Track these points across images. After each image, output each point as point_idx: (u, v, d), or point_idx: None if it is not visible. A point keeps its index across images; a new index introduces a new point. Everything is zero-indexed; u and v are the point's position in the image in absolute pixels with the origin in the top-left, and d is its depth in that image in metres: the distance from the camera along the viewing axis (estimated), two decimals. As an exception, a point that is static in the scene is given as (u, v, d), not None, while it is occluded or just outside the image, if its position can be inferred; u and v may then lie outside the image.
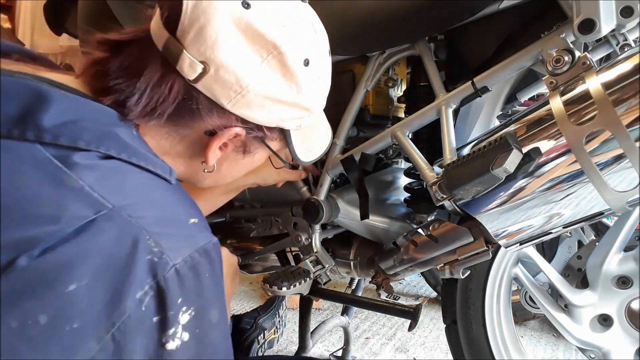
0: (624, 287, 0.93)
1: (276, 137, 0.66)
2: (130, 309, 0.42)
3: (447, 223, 0.88)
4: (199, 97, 0.55)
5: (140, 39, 0.56)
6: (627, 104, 0.63)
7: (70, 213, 0.41)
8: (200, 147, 0.61)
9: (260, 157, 0.69)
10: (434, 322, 2.31)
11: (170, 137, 0.60)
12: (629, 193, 0.68)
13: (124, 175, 0.48)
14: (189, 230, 0.51)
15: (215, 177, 0.67)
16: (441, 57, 0.95)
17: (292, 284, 1.06)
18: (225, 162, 0.65)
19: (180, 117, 0.57)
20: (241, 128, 0.60)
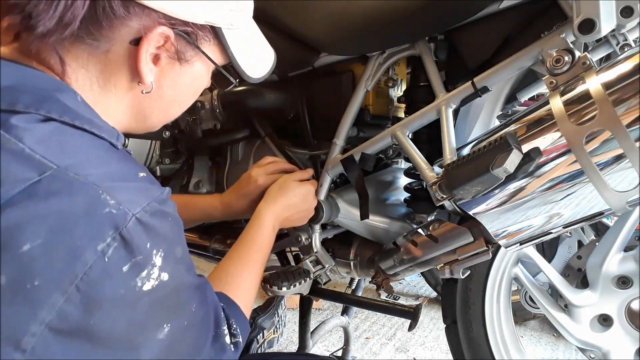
0: (624, 287, 0.93)
1: (209, 40, 0.60)
2: (92, 261, 0.42)
3: (447, 223, 0.88)
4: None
5: None
6: (627, 104, 0.63)
7: (12, 176, 0.41)
8: (130, 64, 0.55)
9: (201, 70, 0.63)
10: (434, 322, 2.31)
11: (95, 59, 0.54)
12: (629, 193, 0.68)
13: (66, 136, 0.46)
14: (141, 183, 0.50)
15: (160, 104, 0.62)
16: (441, 57, 0.95)
17: (292, 284, 1.06)
18: (164, 80, 0.59)
19: (97, 24, 0.51)
20: (167, 27, 0.54)
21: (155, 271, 0.48)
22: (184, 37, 0.56)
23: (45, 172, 0.42)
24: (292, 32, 1.01)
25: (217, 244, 1.37)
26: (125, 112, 0.60)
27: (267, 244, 0.87)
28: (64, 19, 0.49)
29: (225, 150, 1.34)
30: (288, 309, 2.27)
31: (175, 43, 0.56)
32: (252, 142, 1.29)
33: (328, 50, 1.03)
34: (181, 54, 0.58)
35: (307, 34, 1.00)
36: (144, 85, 0.57)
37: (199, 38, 0.58)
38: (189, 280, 0.56)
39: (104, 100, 0.56)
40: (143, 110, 0.62)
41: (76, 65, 0.53)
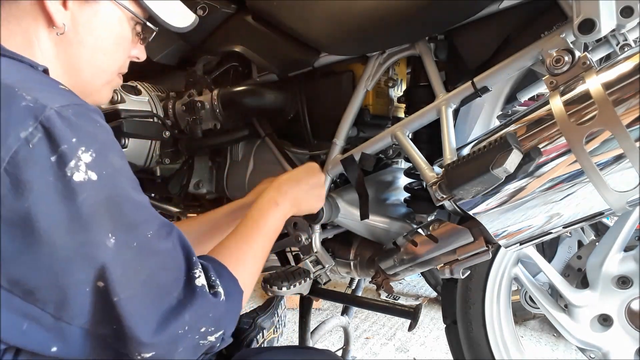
0: (624, 287, 0.93)
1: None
2: (15, 146, 0.44)
3: (447, 223, 0.88)
4: None
5: None
6: (627, 104, 0.63)
7: None
8: (43, 12, 0.59)
9: (111, 10, 0.66)
10: (434, 322, 2.31)
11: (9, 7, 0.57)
12: (629, 193, 0.68)
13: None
14: (61, 90, 0.52)
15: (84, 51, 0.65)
16: (441, 57, 0.95)
17: (292, 284, 1.06)
18: (78, 22, 0.62)
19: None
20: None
21: (81, 165, 0.48)
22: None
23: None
24: (292, 32, 1.01)
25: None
26: (56, 65, 0.62)
27: (271, 224, 0.81)
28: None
29: (225, 150, 1.34)
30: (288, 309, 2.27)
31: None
32: (252, 142, 1.29)
33: (328, 50, 1.03)
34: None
35: (307, 34, 1.00)
36: (57, 27, 0.59)
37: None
38: (136, 199, 0.55)
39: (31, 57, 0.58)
40: (71, 63, 0.64)
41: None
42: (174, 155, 1.37)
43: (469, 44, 0.89)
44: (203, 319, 0.57)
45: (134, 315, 0.50)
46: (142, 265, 0.53)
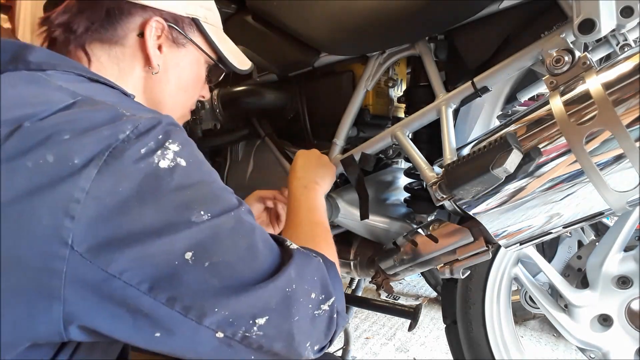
0: (624, 287, 0.93)
1: (193, 30, 0.76)
2: (116, 144, 0.49)
3: (447, 223, 0.88)
4: (121, 4, 0.67)
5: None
6: (627, 104, 0.63)
7: (55, 99, 0.52)
8: (143, 54, 0.70)
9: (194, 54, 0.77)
10: (434, 322, 2.31)
11: (115, 51, 0.69)
12: (629, 193, 0.68)
13: (92, 85, 0.61)
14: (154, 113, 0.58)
15: (169, 88, 0.75)
16: (441, 57, 0.95)
17: (292, 284, 1.06)
18: (168, 64, 0.74)
19: (112, 25, 0.68)
20: (159, 18, 0.69)
21: (169, 153, 0.52)
22: (173, 26, 0.72)
23: (77, 97, 0.53)
24: (292, 32, 1.02)
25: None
26: (142, 98, 0.73)
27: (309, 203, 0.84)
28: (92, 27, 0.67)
29: (225, 150, 1.34)
30: (288, 309, 2.27)
31: (169, 32, 0.72)
32: (252, 142, 1.29)
33: (328, 50, 1.03)
34: (176, 40, 0.73)
35: (307, 34, 1.00)
36: (152, 67, 0.71)
37: (185, 27, 0.74)
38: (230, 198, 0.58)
39: (123, 85, 0.68)
40: (156, 96, 0.74)
41: (99, 59, 0.69)
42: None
43: (469, 44, 0.89)
44: (308, 278, 0.58)
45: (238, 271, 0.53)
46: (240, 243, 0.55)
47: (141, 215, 0.48)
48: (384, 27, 0.90)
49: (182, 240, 0.49)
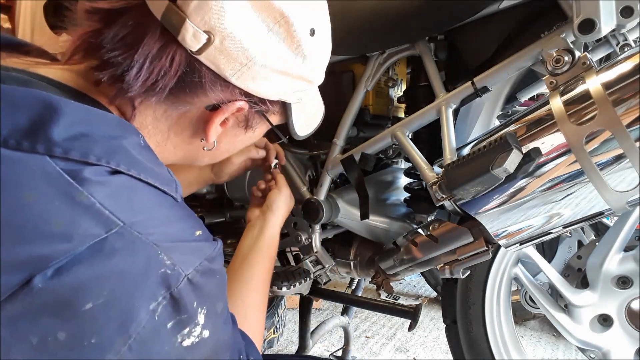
0: (624, 287, 0.93)
1: (277, 111, 0.65)
2: (145, 320, 0.43)
3: (447, 223, 0.88)
4: (202, 70, 0.53)
5: (135, 6, 0.51)
6: (627, 104, 0.63)
7: (82, 231, 0.41)
8: (199, 125, 0.59)
9: (260, 132, 0.68)
10: (434, 322, 2.31)
11: (169, 115, 0.57)
12: (629, 193, 0.68)
13: (133, 191, 0.48)
14: (196, 243, 0.52)
15: (213, 154, 0.67)
16: (441, 57, 0.95)
17: (292, 284, 1.06)
18: (225, 138, 0.63)
19: (182, 91, 0.54)
20: (245, 102, 0.58)
21: (197, 329, 0.49)
22: (255, 109, 0.60)
23: (112, 229, 0.43)
24: (292, 32, 1.01)
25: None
26: (179, 156, 0.63)
27: (273, 257, 0.86)
28: (155, 87, 0.52)
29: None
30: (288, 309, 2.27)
31: (246, 113, 0.61)
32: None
33: (328, 50, 1.03)
34: (249, 122, 0.63)
35: (307, 34, 0.99)
36: (206, 143, 0.61)
37: (269, 112, 0.63)
38: (227, 333, 0.57)
39: (163, 147, 0.59)
40: (195, 157, 0.66)
41: (147, 116, 0.56)
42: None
43: (469, 44, 0.89)
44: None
45: None
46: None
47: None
48: (384, 27, 0.89)
49: None
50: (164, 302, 0.45)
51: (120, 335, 0.42)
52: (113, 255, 0.42)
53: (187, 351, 0.48)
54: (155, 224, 0.48)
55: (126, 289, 0.43)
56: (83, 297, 0.40)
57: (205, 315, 0.50)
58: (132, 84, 0.51)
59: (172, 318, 0.46)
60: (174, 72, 0.52)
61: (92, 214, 0.42)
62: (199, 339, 0.49)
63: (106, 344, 0.41)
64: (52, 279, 0.39)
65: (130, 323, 0.42)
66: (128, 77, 0.50)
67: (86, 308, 0.40)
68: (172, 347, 0.46)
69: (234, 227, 1.42)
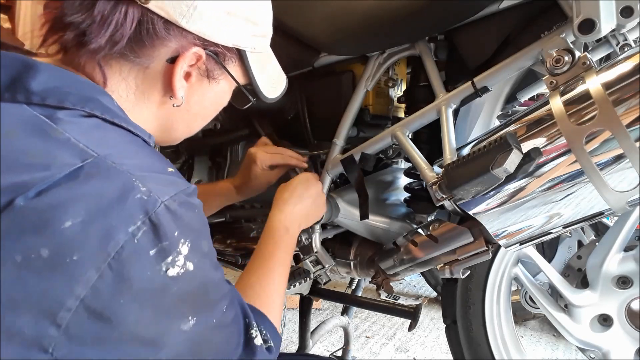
0: (624, 287, 0.93)
1: (234, 62, 0.66)
2: (123, 241, 0.45)
3: (447, 223, 0.88)
4: (153, 18, 0.56)
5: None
6: (627, 104, 0.63)
7: (59, 161, 0.45)
8: (165, 81, 0.62)
9: (225, 87, 0.70)
10: (434, 322, 2.31)
11: (134, 74, 0.60)
12: (629, 193, 0.68)
13: (106, 131, 0.52)
14: (170, 176, 0.55)
15: (187, 117, 0.68)
16: (441, 57, 0.95)
17: (292, 283, 1.06)
18: (193, 95, 0.65)
19: (140, 44, 0.57)
20: (200, 47, 0.60)
21: (180, 259, 0.50)
22: (214, 57, 0.63)
23: (87, 159, 0.47)
24: (292, 32, 1.01)
25: (217, 244, 1.37)
26: (154, 123, 0.65)
27: (284, 248, 0.86)
28: (113, 37, 0.55)
29: (225, 150, 1.34)
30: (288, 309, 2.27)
31: (205, 62, 0.63)
32: (252, 142, 1.28)
33: (328, 50, 1.03)
34: (210, 72, 0.64)
35: (307, 34, 1.00)
36: (175, 99, 0.63)
37: (226, 59, 0.65)
38: (217, 278, 0.58)
39: (137, 111, 0.61)
40: (170, 123, 0.67)
41: (116, 79, 0.59)
42: (174, 155, 1.37)
43: (469, 44, 0.89)
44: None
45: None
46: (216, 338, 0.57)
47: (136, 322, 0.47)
48: (384, 27, 0.89)
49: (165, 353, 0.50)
50: (143, 227, 0.47)
51: (99, 253, 0.44)
52: (89, 179, 0.46)
53: (173, 280, 0.49)
54: (129, 156, 0.51)
55: (102, 210, 0.45)
56: (62, 215, 0.43)
57: (190, 248, 0.51)
58: (93, 37, 0.55)
59: (154, 245, 0.47)
60: (129, 24, 0.55)
61: (67, 147, 0.47)
62: (184, 270, 0.50)
63: (87, 260, 0.44)
64: (33, 199, 0.42)
65: (108, 242, 0.44)
66: (89, 33, 0.55)
67: (66, 226, 0.43)
68: (156, 274, 0.48)
69: (234, 227, 1.42)
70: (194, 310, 0.53)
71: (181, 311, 0.52)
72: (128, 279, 0.46)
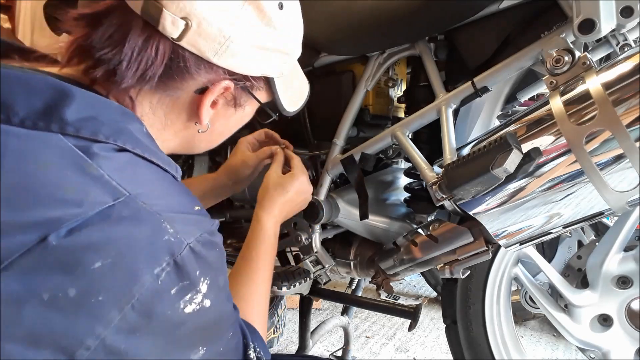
0: (624, 287, 0.93)
1: (262, 87, 0.68)
2: (148, 283, 0.46)
3: (447, 223, 0.88)
4: (185, 55, 0.57)
5: (116, 6, 0.56)
6: (627, 104, 0.63)
7: (92, 198, 0.45)
8: (192, 108, 0.63)
9: (250, 110, 0.71)
10: (434, 322, 2.31)
11: (163, 103, 0.61)
12: (629, 193, 0.68)
13: (137, 166, 0.52)
14: (196, 215, 0.56)
15: (209, 137, 0.70)
16: (441, 57, 0.95)
17: (292, 284, 1.06)
18: (218, 119, 0.67)
19: (171, 78, 0.58)
20: (229, 80, 0.62)
21: (198, 297, 0.51)
22: (241, 87, 0.64)
23: (119, 197, 0.47)
24: (292, 32, 1.01)
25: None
26: (177, 143, 0.67)
27: (271, 253, 0.86)
28: (144, 75, 0.56)
29: (225, 150, 1.34)
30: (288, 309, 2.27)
31: (234, 92, 0.64)
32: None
33: (328, 50, 1.03)
34: (237, 101, 0.66)
35: (307, 34, 0.99)
36: (200, 126, 0.64)
37: (254, 88, 0.66)
38: (229, 309, 0.61)
39: (162, 134, 0.63)
40: (192, 142, 0.69)
41: (144, 106, 0.60)
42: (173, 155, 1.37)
43: (469, 44, 0.89)
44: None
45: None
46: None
47: (148, 354, 0.48)
48: (383, 27, 0.90)
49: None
50: (167, 268, 0.48)
51: (124, 294, 0.45)
52: (120, 221, 0.46)
53: (189, 317, 0.50)
54: (158, 196, 0.52)
55: (132, 252, 0.46)
56: (93, 256, 0.43)
57: (208, 285, 0.53)
58: (124, 75, 0.55)
59: (176, 284, 0.49)
60: (160, 60, 0.56)
61: (101, 183, 0.47)
62: (200, 307, 0.51)
63: (111, 301, 0.44)
64: (65, 237, 0.42)
65: (134, 284, 0.45)
66: (120, 70, 0.54)
67: (95, 267, 0.43)
68: (175, 312, 0.49)
69: (234, 227, 1.42)
70: (204, 341, 0.54)
71: (193, 343, 0.53)
72: (148, 318, 0.47)
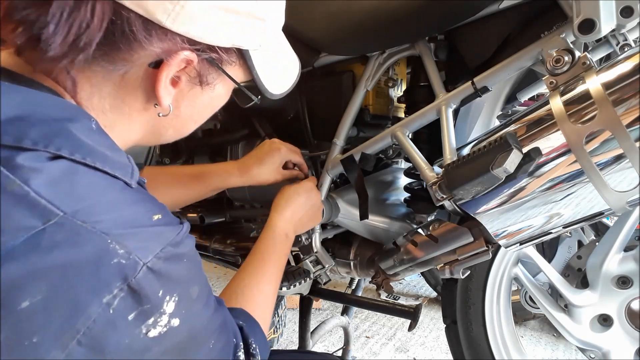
0: (624, 287, 0.93)
1: (234, 61, 0.56)
2: (96, 314, 0.40)
3: (447, 223, 0.88)
4: (130, 17, 0.45)
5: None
6: (627, 104, 0.63)
7: (14, 223, 0.37)
8: (148, 87, 0.52)
9: (222, 91, 0.60)
10: (434, 322, 2.31)
11: (109, 80, 0.50)
12: (629, 193, 0.68)
13: (75, 176, 0.42)
14: (155, 227, 0.47)
15: (176, 123, 0.59)
16: (441, 57, 0.95)
17: (292, 283, 1.06)
18: (182, 100, 0.55)
19: (115, 47, 0.47)
20: (190, 51, 0.50)
21: (164, 318, 0.45)
22: (208, 60, 0.53)
23: (51, 219, 0.39)
24: (292, 32, 1.01)
25: (217, 244, 1.37)
26: (139, 131, 0.57)
27: (282, 254, 0.86)
28: (78, 43, 0.44)
29: (225, 150, 1.34)
30: (288, 309, 2.27)
31: (197, 67, 0.52)
32: (252, 142, 1.29)
33: (328, 50, 1.03)
34: (203, 77, 0.54)
35: (307, 34, 1.00)
36: (160, 107, 0.53)
37: (223, 61, 0.55)
38: (206, 319, 0.53)
39: (118, 122, 0.53)
40: (158, 129, 0.58)
41: (89, 87, 0.50)
42: (174, 155, 1.37)
43: (469, 44, 0.89)
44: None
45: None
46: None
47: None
48: (383, 27, 0.89)
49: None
50: (121, 294, 0.41)
51: (65, 331, 0.39)
52: (53, 248, 0.38)
53: (154, 341, 0.44)
54: (103, 210, 0.42)
55: (69, 284, 0.39)
56: (19, 295, 0.37)
57: (176, 302, 0.46)
58: (50, 42, 0.43)
59: (134, 309, 0.42)
60: (97, 24, 0.44)
61: (25, 204, 0.38)
62: (167, 329, 0.45)
63: (49, 341, 0.38)
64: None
65: (77, 318, 0.39)
66: (45, 35, 0.43)
67: (22, 307, 0.37)
68: (135, 339, 0.43)
69: (234, 227, 1.42)
70: (180, 357, 0.49)
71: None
72: (101, 351, 0.41)
